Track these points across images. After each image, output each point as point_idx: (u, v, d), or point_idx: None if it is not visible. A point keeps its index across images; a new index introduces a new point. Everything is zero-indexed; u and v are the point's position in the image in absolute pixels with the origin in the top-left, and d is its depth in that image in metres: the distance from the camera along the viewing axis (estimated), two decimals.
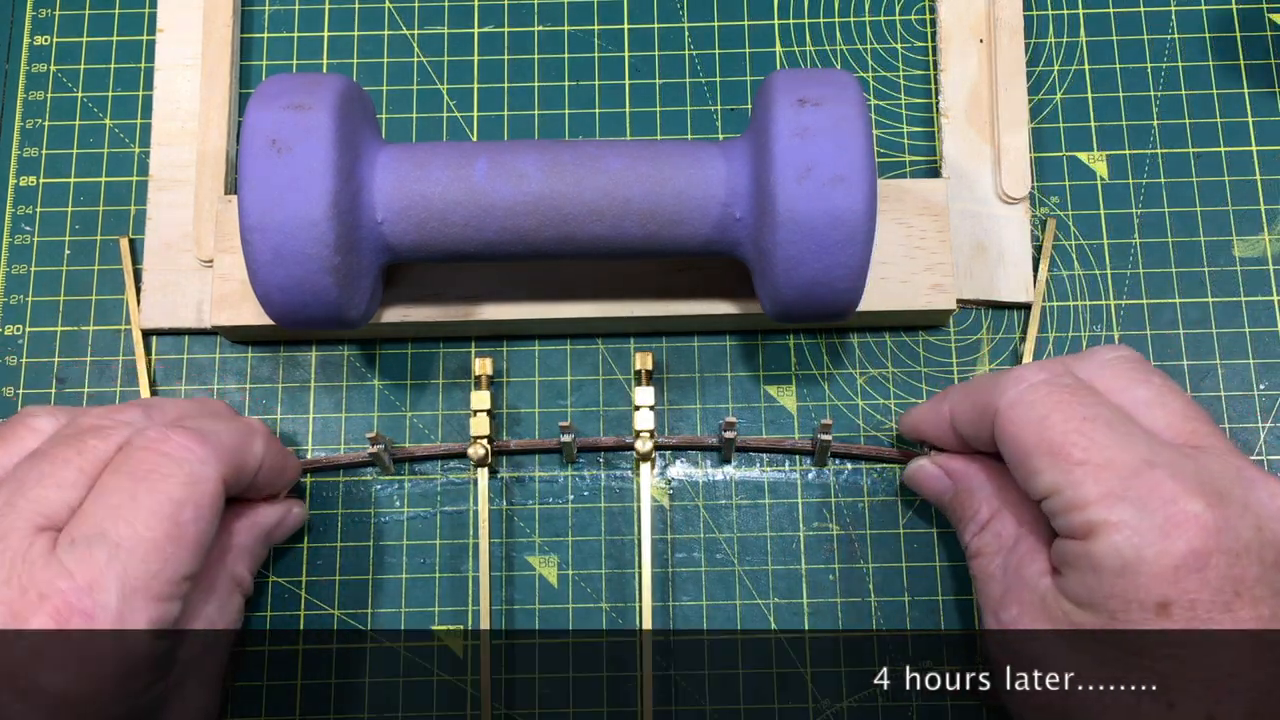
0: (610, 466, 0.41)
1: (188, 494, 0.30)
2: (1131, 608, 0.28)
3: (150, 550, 0.29)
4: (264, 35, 0.45)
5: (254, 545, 0.36)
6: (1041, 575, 0.32)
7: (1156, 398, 0.32)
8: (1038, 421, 0.31)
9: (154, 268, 0.42)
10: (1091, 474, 0.30)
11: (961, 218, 0.42)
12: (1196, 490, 0.29)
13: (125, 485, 0.30)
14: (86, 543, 0.29)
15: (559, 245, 0.36)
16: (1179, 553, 0.28)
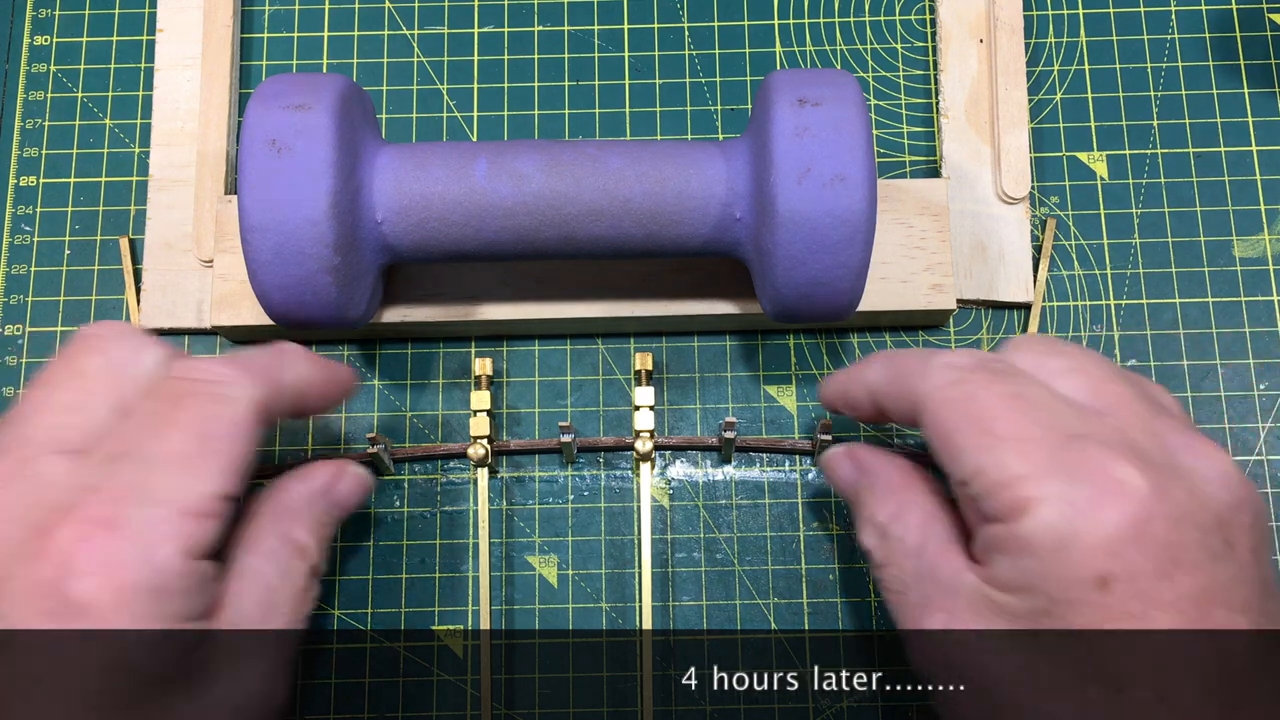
0: (610, 466, 0.41)
1: (217, 410, 0.30)
2: (1069, 586, 0.27)
3: (179, 463, 0.29)
4: (264, 35, 0.45)
5: (308, 506, 0.35)
6: (963, 571, 0.30)
7: (1072, 364, 0.31)
8: (964, 400, 0.30)
9: (154, 268, 0.42)
10: (1018, 449, 0.28)
11: (961, 218, 0.42)
12: (1127, 457, 0.27)
13: (155, 407, 0.30)
14: (113, 459, 0.29)
15: (559, 245, 0.36)
16: (1115, 523, 0.26)
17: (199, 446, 0.29)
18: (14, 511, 0.28)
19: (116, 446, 0.29)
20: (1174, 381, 0.41)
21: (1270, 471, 0.40)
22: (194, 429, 0.29)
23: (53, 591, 0.27)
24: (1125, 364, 0.42)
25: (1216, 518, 0.27)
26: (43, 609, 0.27)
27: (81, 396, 0.30)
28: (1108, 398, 0.30)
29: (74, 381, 0.30)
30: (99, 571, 0.27)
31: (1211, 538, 0.27)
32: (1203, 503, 0.27)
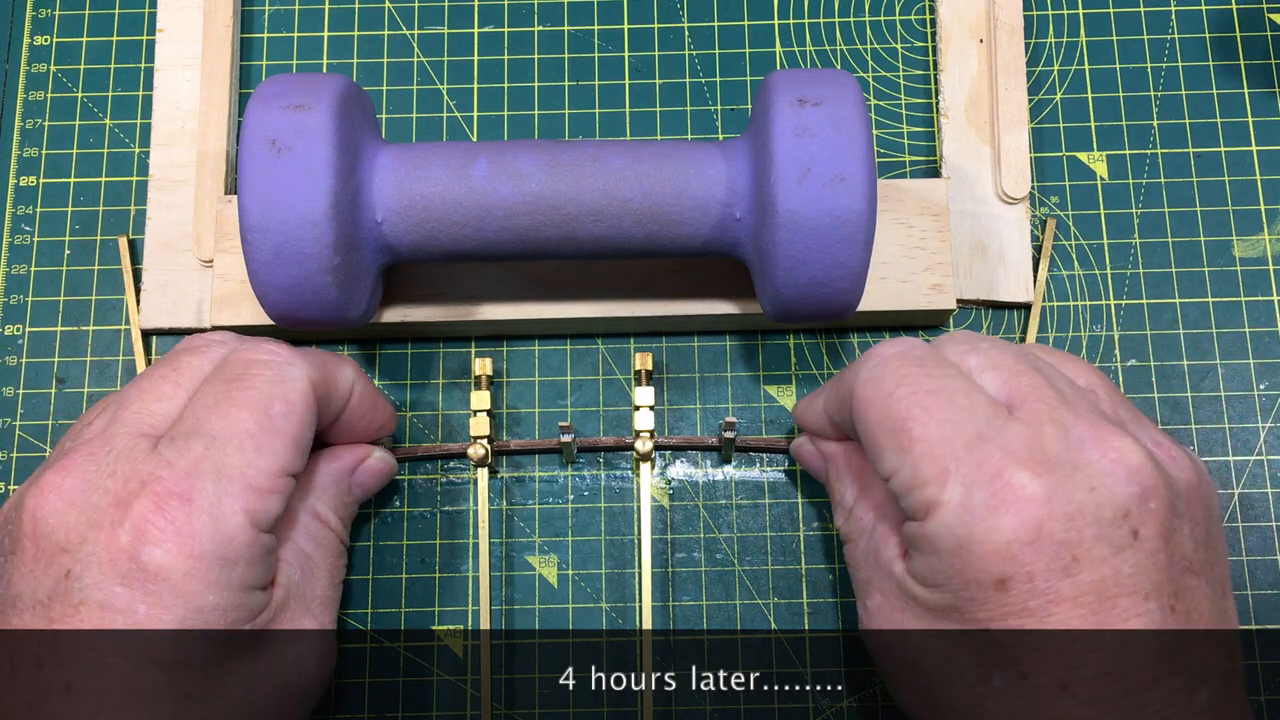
0: (610, 466, 0.41)
1: (277, 390, 0.32)
2: (971, 586, 0.28)
3: (245, 440, 0.31)
4: (264, 35, 0.45)
5: (334, 485, 0.36)
6: (894, 560, 0.32)
7: (986, 361, 0.32)
8: (885, 396, 0.31)
9: (154, 268, 0.42)
10: (927, 452, 0.29)
11: (961, 218, 0.42)
12: (1025, 461, 0.28)
13: (219, 388, 0.32)
14: (184, 437, 0.30)
15: (559, 245, 0.36)
16: (1009, 528, 0.28)
17: (261, 423, 0.31)
18: (98, 482, 0.30)
19: (185, 425, 0.31)
20: (1174, 381, 0.41)
21: (1270, 471, 0.40)
22: (256, 407, 0.31)
23: (129, 557, 0.29)
24: (1125, 364, 0.42)
25: (1119, 510, 0.28)
26: (119, 571, 0.29)
27: (174, 389, 0.32)
28: (1021, 390, 0.31)
29: (171, 375, 0.33)
30: (172, 540, 0.29)
31: (1114, 530, 0.28)
32: (1104, 497, 0.28)
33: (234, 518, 0.30)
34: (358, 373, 0.36)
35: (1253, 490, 0.40)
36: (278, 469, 0.31)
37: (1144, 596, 0.28)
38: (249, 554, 0.30)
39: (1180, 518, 0.29)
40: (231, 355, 0.33)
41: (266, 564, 0.31)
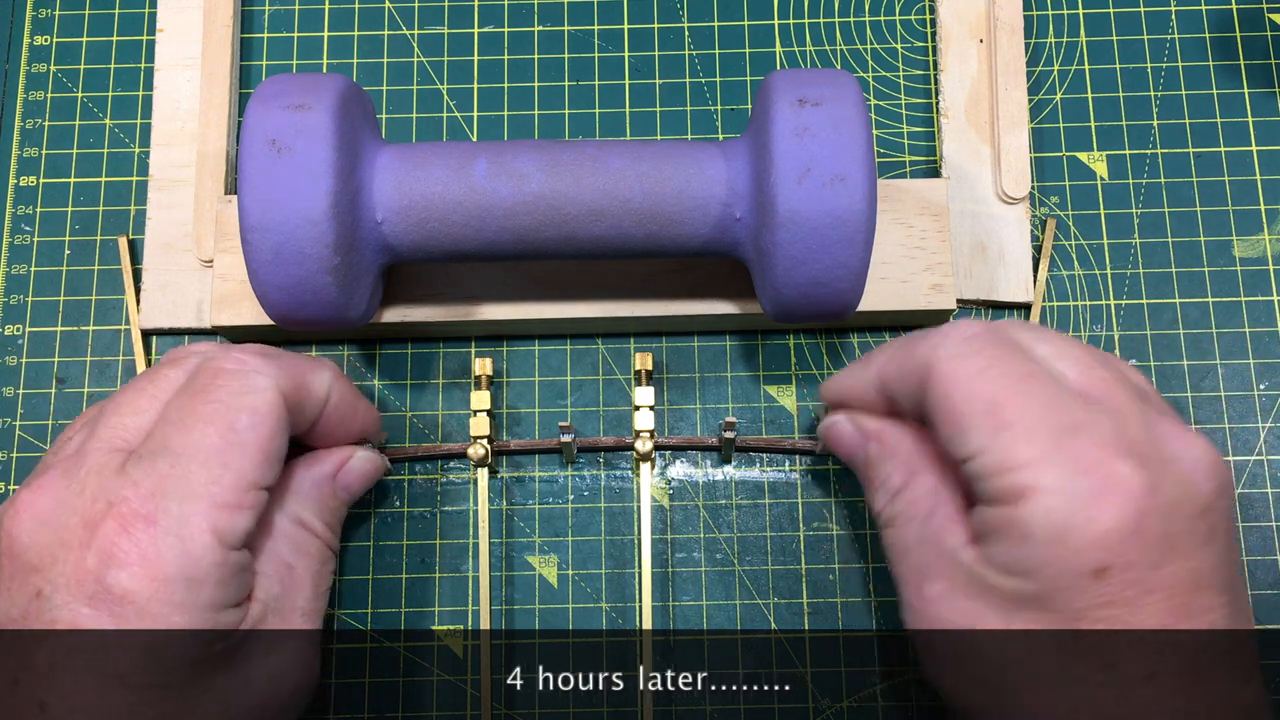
0: (610, 466, 0.41)
1: (242, 401, 0.31)
2: (1066, 575, 0.28)
3: (210, 456, 0.30)
4: (264, 35, 0.45)
5: (316, 490, 0.35)
6: (963, 546, 0.31)
7: (1058, 350, 0.31)
8: (976, 374, 0.30)
9: (154, 268, 0.42)
10: (1022, 436, 0.28)
11: (961, 218, 0.42)
12: (1125, 451, 0.28)
13: (185, 402, 0.31)
14: (151, 456, 0.30)
15: (559, 245, 0.36)
16: (1113, 518, 0.27)
17: (226, 439, 0.31)
18: (69, 501, 0.30)
19: (151, 443, 0.31)
20: (1174, 381, 0.41)
21: (1270, 471, 0.40)
22: (220, 421, 0.31)
23: (95, 579, 0.29)
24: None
25: (1203, 506, 0.29)
26: (86, 593, 0.29)
27: (148, 401, 0.32)
28: (1098, 384, 0.30)
29: (148, 388, 0.32)
30: (137, 563, 0.29)
31: (1199, 524, 0.28)
32: (1190, 492, 0.29)
33: (200, 537, 0.29)
34: (336, 376, 0.35)
35: (1253, 490, 0.40)
36: (245, 484, 0.30)
37: (1218, 590, 0.28)
38: (217, 574, 0.30)
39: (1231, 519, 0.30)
40: (201, 365, 0.32)
41: (239, 581, 0.31)
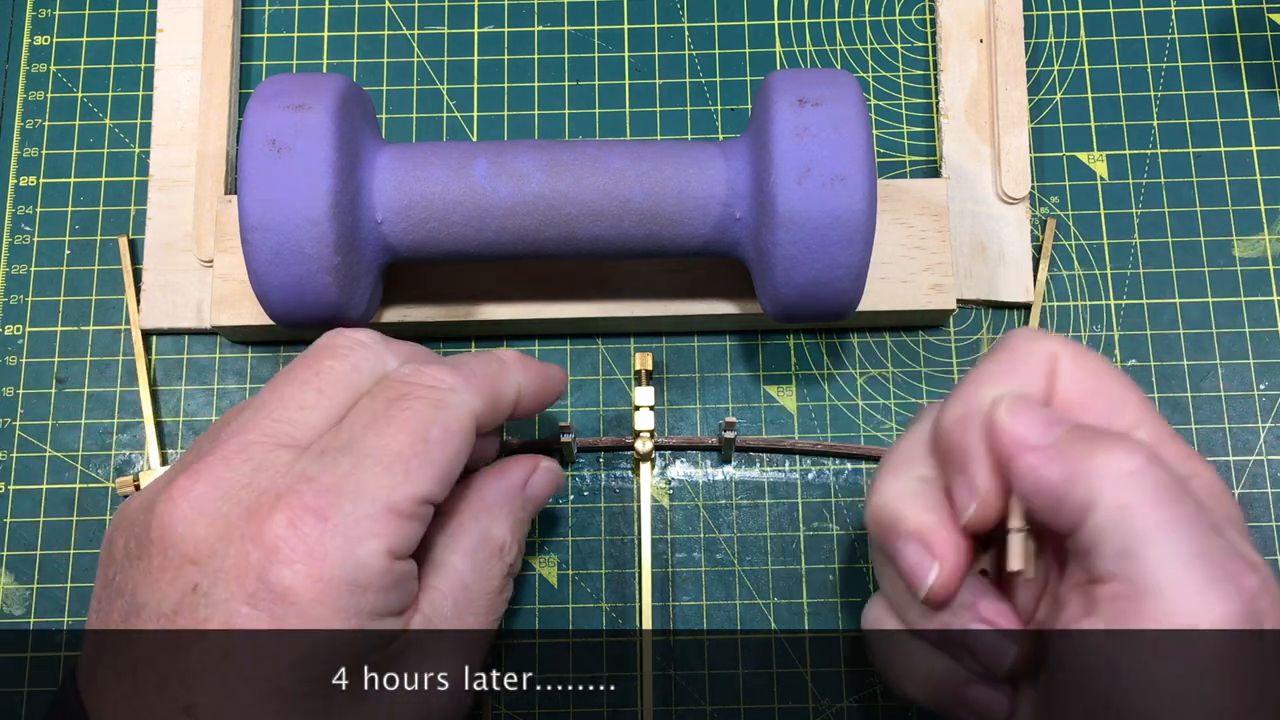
0: (610, 466, 0.41)
1: (437, 415, 0.30)
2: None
3: (394, 461, 0.29)
4: (264, 35, 0.45)
5: (507, 502, 0.34)
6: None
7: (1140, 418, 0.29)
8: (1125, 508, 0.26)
9: (154, 268, 0.42)
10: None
11: (961, 218, 0.42)
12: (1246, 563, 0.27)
13: (378, 406, 0.30)
14: (333, 452, 0.29)
15: (559, 245, 0.36)
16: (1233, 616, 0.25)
17: (415, 448, 0.29)
18: (231, 492, 0.28)
19: (335, 440, 0.29)
20: (1174, 381, 0.41)
21: (1270, 471, 0.40)
22: (413, 430, 0.29)
23: (258, 575, 0.27)
24: (1125, 364, 0.42)
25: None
26: (246, 590, 0.27)
27: (319, 396, 0.30)
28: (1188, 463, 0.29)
29: (314, 381, 0.31)
30: (303, 560, 0.27)
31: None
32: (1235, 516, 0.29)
33: (369, 542, 0.28)
34: (520, 365, 0.34)
35: (1253, 490, 0.40)
36: (422, 496, 0.29)
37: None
38: (381, 581, 0.28)
39: None
40: (394, 375, 0.31)
41: (401, 590, 0.29)
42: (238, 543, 0.27)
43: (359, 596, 0.28)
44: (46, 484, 0.41)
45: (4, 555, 0.40)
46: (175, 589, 0.28)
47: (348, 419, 0.30)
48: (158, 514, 0.28)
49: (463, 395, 0.31)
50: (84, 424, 0.41)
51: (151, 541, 0.28)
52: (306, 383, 0.31)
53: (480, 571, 0.33)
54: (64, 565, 0.40)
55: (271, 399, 0.30)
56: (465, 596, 0.32)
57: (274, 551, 0.27)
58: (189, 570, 0.28)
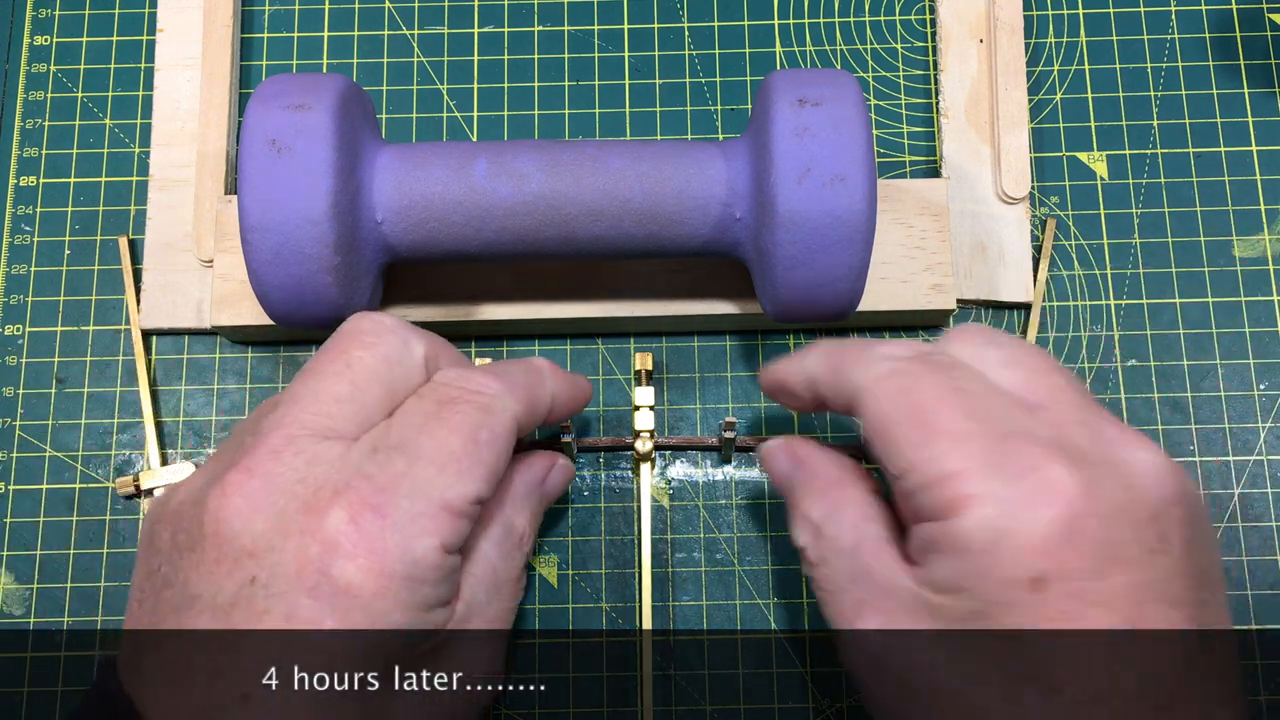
0: (610, 466, 0.41)
1: (485, 419, 0.31)
2: (1003, 587, 0.26)
3: (448, 461, 0.30)
4: (264, 35, 0.45)
5: (529, 495, 0.36)
6: (897, 572, 0.30)
7: (1007, 355, 0.31)
8: (902, 392, 0.29)
9: (154, 268, 0.42)
10: (953, 445, 0.28)
11: (961, 218, 0.42)
12: (1060, 455, 0.27)
13: (428, 408, 0.31)
14: (387, 451, 0.29)
15: (559, 245, 0.36)
16: (1048, 521, 0.26)
17: (466, 449, 0.30)
18: (285, 485, 0.29)
19: (389, 438, 0.30)
20: (1174, 381, 0.41)
21: (1270, 471, 0.40)
22: (464, 432, 0.30)
23: (318, 569, 0.28)
24: (1125, 364, 0.42)
25: (1151, 513, 0.27)
26: (306, 583, 0.27)
27: (353, 389, 0.31)
28: (1043, 390, 0.30)
29: (347, 373, 0.31)
30: (365, 555, 0.28)
31: (1146, 533, 0.27)
32: (1137, 498, 0.27)
33: (425, 538, 0.29)
34: (553, 373, 0.35)
35: (1253, 490, 0.40)
36: (474, 495, 0.30)
37: (1170, 604, 0.26)
38: (435, 576, 0.29)
39: (1197, 527, 0.28)
40: (441, 379, 0.32)
41: (450, 583, 0.30)
42: (296, 537, 0.28)
43: (415, 590, 0.29)
44: (46, 484, 0.41)
45: (4, 555, 0.40)
46: (232, 581, 0.28)
47: (397, 418, 0.31)
48: (210, 508, 0.29)
49: (506, 400, 0.32)
50: (84, 424, 0.41)
51: (205, 535, 0.28)
52: (339, 375, 0.31)
53: (507, 560, 0.34)
54: (64, 565, 0.40)
55: (305, 392, 0.31)
56: (495, 583, 0.34)
57: (335, 546, 0.28)
58: (246, 563, 0.28)
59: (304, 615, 0.27)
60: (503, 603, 0.34)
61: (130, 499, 0.41)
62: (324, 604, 0.27)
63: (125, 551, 0.40)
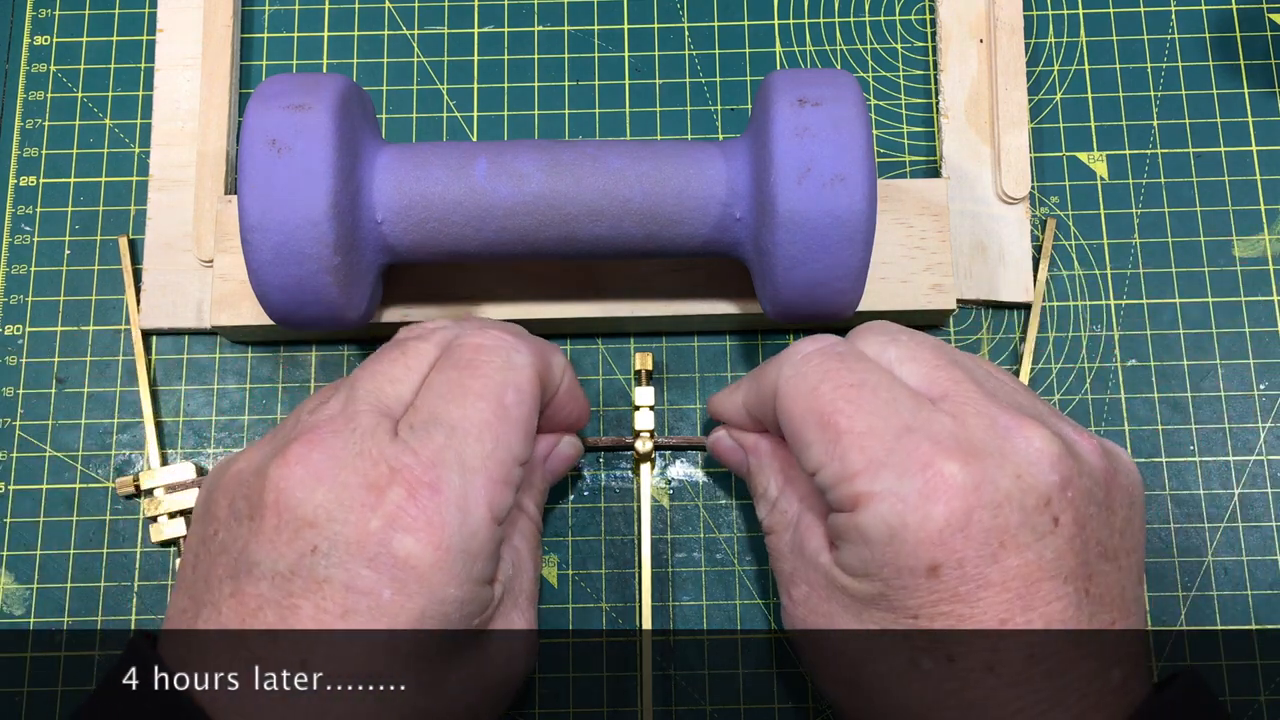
0: (610, 466, 0.41)
1: (508, 377, 0.32)
2: (902, 574, 0.29)
3: (483, 430, 0.30)
4: (264, 35, 0.45)
5: (532, 474, 0.36)
6: (820, 551, 0.32)
7: (906, 353, 0.32)
8: (809, 392, 0.31)
9: (154, 268, 0.42)
10: (855, 444, 0.30)
11: (961, 218, 0.42)
12: (953, 450, 0.29)
13: (451, 375, 0.32)
14: (424, 426, 0.30)
15: (559, 245, 0.36)
16: (940, 515, 0.28)
17: (497, 413, 0.31)
18: (346, 460, 0.30)
19: (418, 414, 0.31)
20: (1174, 381, 0.41)
21: (1270, 471, 0.40)
22: (490, 396, 0.31)
23: (379, 541, 0.28)
24: (1125, 364, 0.42)
25: (1042, 498, 0.29)
26: (367, 554, 0.28)
27: (404, 371, 0.32)
28: (944, 383, 0.31)
29: (401, 359, 0.33)
30: (424, 529, 0.29)
31: (1037, 517, 0.29)
32: (1027, 485, 0.29)
33: (478, 510, 0.30)
34: (567, 363, 0.36)
35: (1253, 490, 0.40)
36: (512, 459, 0.31)
37: (1063, 580, 0.29)
38: (488, 548, 0.30)
39: (1096, 505, 0.30)
40: (458, 340, 0.33)
41: (497, 557, 0.31)
42: (358, 510, 0.29)
43: (471, 563, 0.29)
44: (46, 484, 0.41)
45: (4, 555, 0.40)
46: (293, 550, 0.29)
47: (427, 389, 0.32)
48: (272, 478, 0.29)
49: (524, 353, 0.33)
50: (84, 424, 0.41)
51: (265, 504, 0.29)
52: (395, 360, 0.33)
53: (524, 535, 0.35)
54: (64, 565, 0.40)
55: (363, 375, 0.32)
56: (519, 559, 0.34)
57: (395, 521, 0.29)
58: (307, 533, 0.29)
59: (363, 585, 0.28)
60: (528, 579, 0.35)
61: (130, 499, 0.41)
62: (384, 575, 0.28)
63: (125, 551, 0.40)
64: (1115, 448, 0.32)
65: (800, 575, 0.33)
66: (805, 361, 0.32)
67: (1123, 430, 0.41)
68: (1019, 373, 0.41)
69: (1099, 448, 0.31)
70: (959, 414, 0.30)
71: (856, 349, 0.33)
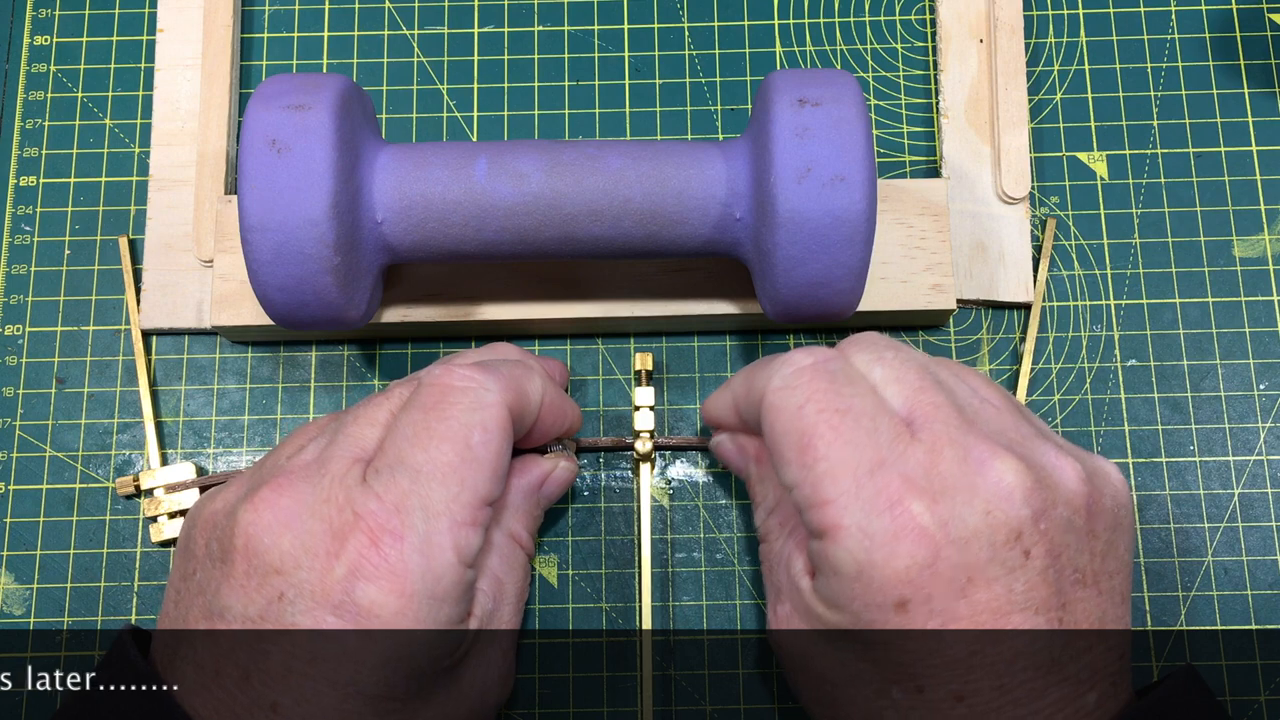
0: (610, 466, 0.41)
1: (473, 418, 0.31)
2: (871, 609, 0.29)
3: (447, 474, 0.30)
4: (264, 35, 0.45)
5: (525, 502, 0.36)
6: (802, 576, 0.32)
7: (891, 374, 0.32)
8: (794, 410, 0.31)
9: (154, 268, 0.42)
10: (828, 473, 0.29)
11: (961, 218, 0.42)
12: (923, 490, 0.29)
13: (416, 417, 0.31)
14: (389, 470, 0.30)
15: (559, 245, 0.36)
16: (906, 554, 0.28)
17: (462, 456, 0.31)
18: (313, 507, 0.30)
19: (384, 458, 0.31)
20: (1174, 381, 0.41)
21: (1270, 471, 0.40)
22: (456, 439, 0.31)
23: (343, 590, 0.29)
24: (1125, 364, 0.42)
25: (1012, 532, 0.29)
26: (332, 602, 0.29)
27: (386, 415, 0.32)
28: (925, 408, 0.31)
29: (385, 403, 0.33)
30: (386, 577, 0.29)
31: (1006, 552, 0.29)
32: (997, 520, 0.29)
33: (443, 555, 0.30)
34: (545, 379, 0.35)
35: (1253, 490, 0.40)
36: (479, 500, 0.31)
37: (1034, 611, 0.28)
38: (456, 591, 0.30)
39: (1074, 533, 0.30)
40: (425, 381, 0.32)
41: (469, 597, 0.31)
42: (323, 558, 0.29)
43: (436, 608, 0.29)
44: (46, 484, 0.41)
45: (4, 555, 0.40)
46: (261, 596, 0.29)
47: (393, 432, 0.31)
48: (241, 523, 0.30)
49: (493, 392, 0.32)
50: (84, 424, 0.41)
51: (235, 549, 0.30)
52: (380, 405, 0.33)
53: (509, 567, 0.35)
54: (64, 565, 0.40)
55: (349, 419, 0.32)
56: (501, 592, 0.34)
57: (358, 569, 0.29)
58: (274, 580, 0.29)
59: (329, 632, 0.29)
60: (512, 610, 0.35)
61: (130, 499, 0.41)
62: (349, 622, 0.28)
63: (125, 551, 0.40)
64: (1102, 467, 0.32)
65: (786, 594, 0.33)
66: (797, 376, 0.31)
67: (1123, 430, 0.41)
68: (1019, 373, 0.41)
69: (1081, 472, 0.30)
70: (934, 445, 0.30)
71: (848, 368, 0.32)
